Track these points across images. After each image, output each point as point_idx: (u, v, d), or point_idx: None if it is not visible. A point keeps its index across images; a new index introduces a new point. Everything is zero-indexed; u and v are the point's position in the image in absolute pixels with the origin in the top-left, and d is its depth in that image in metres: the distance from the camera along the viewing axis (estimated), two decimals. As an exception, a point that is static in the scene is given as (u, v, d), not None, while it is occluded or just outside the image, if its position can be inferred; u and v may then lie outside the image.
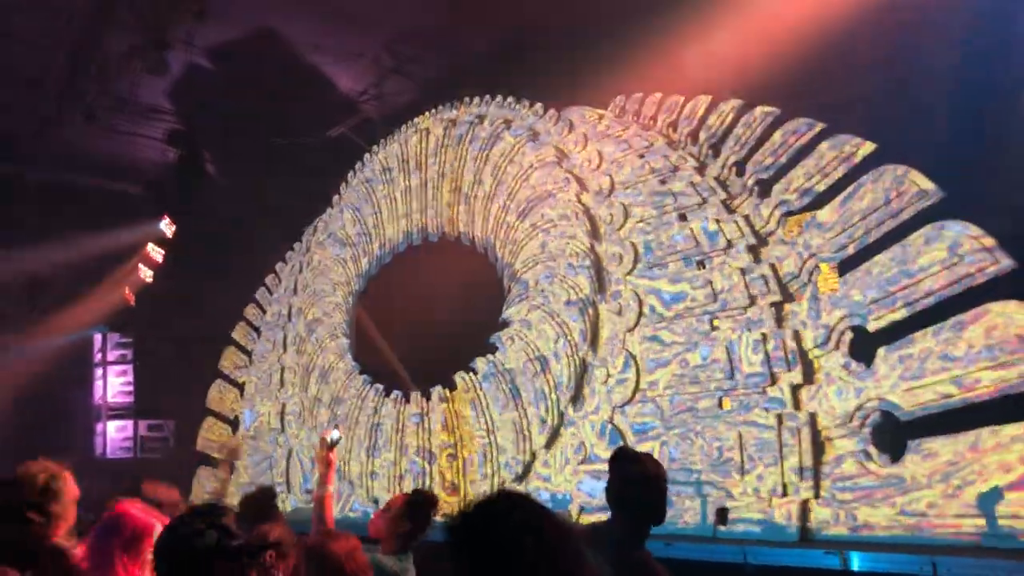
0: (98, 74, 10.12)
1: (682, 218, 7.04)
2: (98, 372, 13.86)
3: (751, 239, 6.50)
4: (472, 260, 9.24)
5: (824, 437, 5.82)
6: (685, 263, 6.92)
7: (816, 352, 5.99)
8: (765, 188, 6.59)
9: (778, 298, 6.23)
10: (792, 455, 5.87)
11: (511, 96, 9.26)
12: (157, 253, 12.47)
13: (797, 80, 6.30)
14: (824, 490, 5.74)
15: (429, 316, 9.46)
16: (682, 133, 7.37)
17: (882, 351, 5.60)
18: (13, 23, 9.41)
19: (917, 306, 5.46)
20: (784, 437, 5.95)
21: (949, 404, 5.22)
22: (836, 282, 6.03)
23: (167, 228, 12.24)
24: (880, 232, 5.74)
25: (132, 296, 12.94)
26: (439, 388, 8.87)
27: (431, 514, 4.23)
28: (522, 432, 7.89)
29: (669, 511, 6.25)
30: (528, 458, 7.81)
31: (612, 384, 7.22)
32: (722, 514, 6.21)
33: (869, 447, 5.55)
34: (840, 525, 5.58)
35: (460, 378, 8.68)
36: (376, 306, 10.65)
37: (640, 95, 7.83)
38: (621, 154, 7.74)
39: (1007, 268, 5.05)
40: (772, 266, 6.33)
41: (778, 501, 5.89)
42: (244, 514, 4.53)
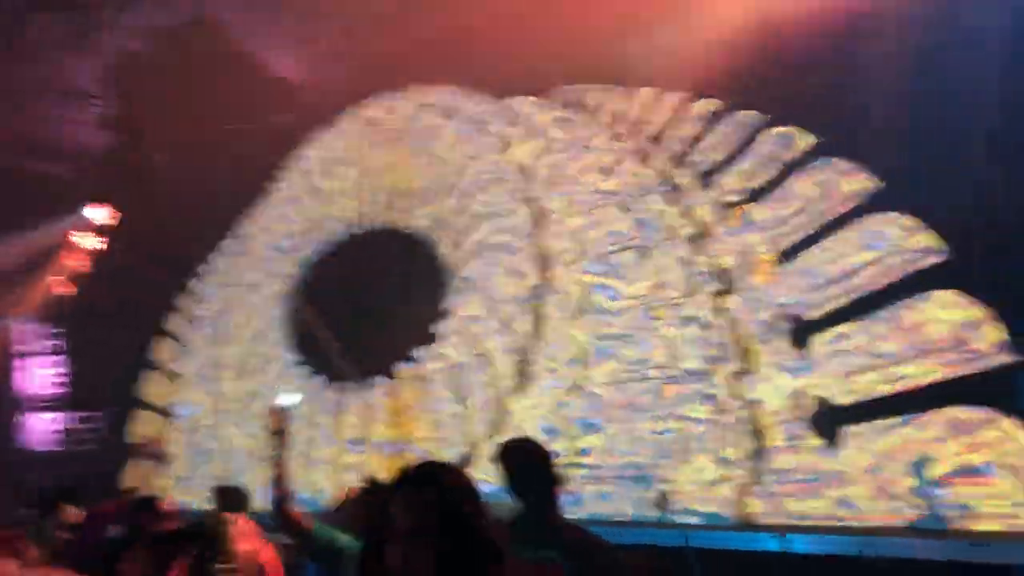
0: (29, 55, 9.78)
1: (625, 209, 7.10)
2: (24, 362, 13.40)
3: (692, 230, 6.59)
4: (414, 249, 9.17)
5: (762, 426, 5.93)
6: (628, 254, 6.97)
7: (755, 342, 6.10)
8: (707, 180, 6.68)
9: (718, 288, 6.33)
10: (731, 444, 5.98)
11: (455, 84, 9.22)
12: (91, 241, 12.11)
13: (741, 73, 6.39)
14: (762, 478, 5.85)
15: (370, 306, 9.36)
16: (627, 124, 7.42)
17: (818, 341, 5.73)
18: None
19: (854, 296, 5.60)
20: (723, 426, 6.05)
21: (881, 394, 5.37)
22: (775, 273, 6.14)
23: (102, 215, 11.89)
24: (819, 224, 5.87)
25: (64, 285, 12.55)
26: (380, 379, 8.79)
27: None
28: (463, 424, 7.87)
29: (612, 502, 6.33)
30: (469, 450, 7.79)
31: (555, 376, 7.24)
32: (662, 499, 6.29)
33: (806, 435, 5.67)
34: (778, 513, 5.69)
35: (401, 369, 8.61)
36: (316, 296, 10.50)
37: (585, 86, 7.87)
38: (565, 145, 7.77)
39: (942, 259, 5.21)
40: (714, 256, 6.43)
41: (718, 489, 5.98)
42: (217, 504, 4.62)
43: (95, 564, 2.37)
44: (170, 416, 11.40)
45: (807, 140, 6.07)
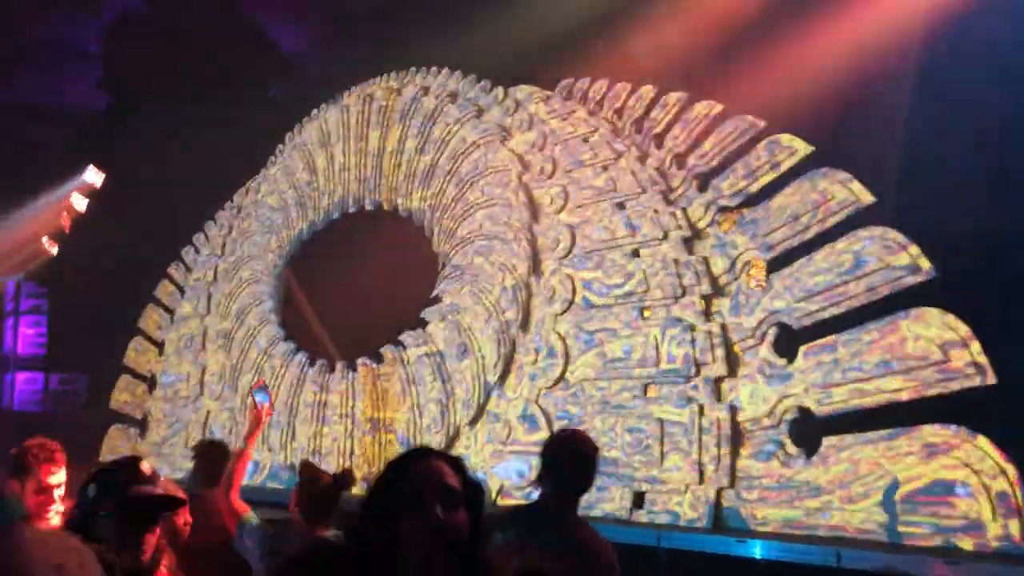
0: (28, 13, 9.71)
1: (620, 206, 7.09)
2: (9, 322, 13.36)
3: (686, 232, 6.59)
4: (407, 233, 9.16)
5: (742, 430, 5.96)
6: (620, 251, 6.97)
7: (740, 347, 6.12)
8: (704, 182, 6.67)
9: (708, 291, 6.34)
10: (710, 446, 5.99)
11: (459, 70, 9.19)
12: (80, 203, 12.03)
13: (743, 77, 6.38)
14: (738, 483, 5.87)
15: (360, 287, 9.34)
16: (627, 121, 7.41)
17: (804, 350, 5.75)
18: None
19: (841, 308, 5.61)
20: (703, 428, 6.07)
21: (861, 406, 5.40)
22: (765, 279, 6.15)
23: (94, 177, 11.81)
24: (811, 233, 5.88)
25: (51, 245, 12.47)
26: (365, 360, 8.79)
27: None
28: (446, 409, 7.88)
29: (587, 496, 6.35)
30: (451, 435, 7.80)
31: (538, 368, 7.25)
32: (638, 498, 6.32)
33: (785, 443, 5.70)
34: (751, 519, 5.72)
35: (388, 352, 8.61)
36: (306, 273, 10.48)
37: (588, 80, 7.84)
38: (565, 137, 7.75)
39: (930, 276, 5.23)
40: (704, 259, 6.43)
41: (693, 490, 6.01)
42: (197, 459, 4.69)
43: (71, 525, 2.34)
44: (152, 384, 11.38)
45: (805, 148, 6.07)
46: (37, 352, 13.11)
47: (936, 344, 5.10)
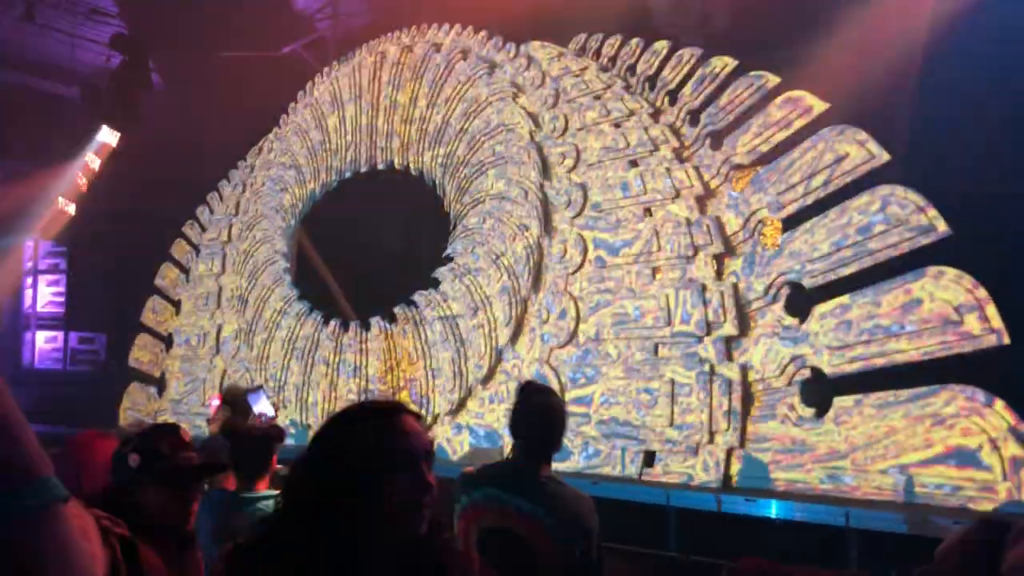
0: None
1: (633, 164, 7.01)
2: (28, 280, 13.47)
3: (699, 190, 6.51)
4: (419, 192, 9.10)
5: (754, 390, 5.93)
6: (631, 210, 6.90)
7: (752, 306, 6.06)
8: (717, 140, 6.57)
9: (720, 250, 6.27)
10: (721, 406, 5.98)
11: (470, 26, 9.05)
12: (96, 162, 12.02)
13: (758, 33, 6.25)
14: (749, 443, 5.86)
15: (373, 246, 9.33)
16: (640, 78, 7.29)
17: (817, 310, 5.69)
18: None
19: (855, 267, 5.54)
20: (715, 388, 6.05)
21: (873, 367, 5.35)
22: (778, 238, 6.08)
23: (109, 137, 11.78)
24: (825, 192, 5.79)
25: (68, 205, 12.51)
26: (378, 319, 8.81)
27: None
28: (458, 368, 7.89)
29: (597, 456, 6.37)
30: (463, 395, 7.83)
31: (550, 327, 7.23)
32: (649, 458, 6.32)
33: (796, 403, 5.67)
34: (761, 479, 5.72)
35: (400, 311, 8.62)
36: (319, 232, 10.46)
37: (601, 35, 7.71)
38: (577, 94, 7.64)
39: (944, 235, 5.14)
40: (717, 218, 6.36)
41: (704, 450, 6.00)
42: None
43: (109, 493, 2.24)
44: (169, 342, 11.47)
45: (820, 105, 5.95)
46: (56, 311, 13.22)
47: (952, 306, 5.03)
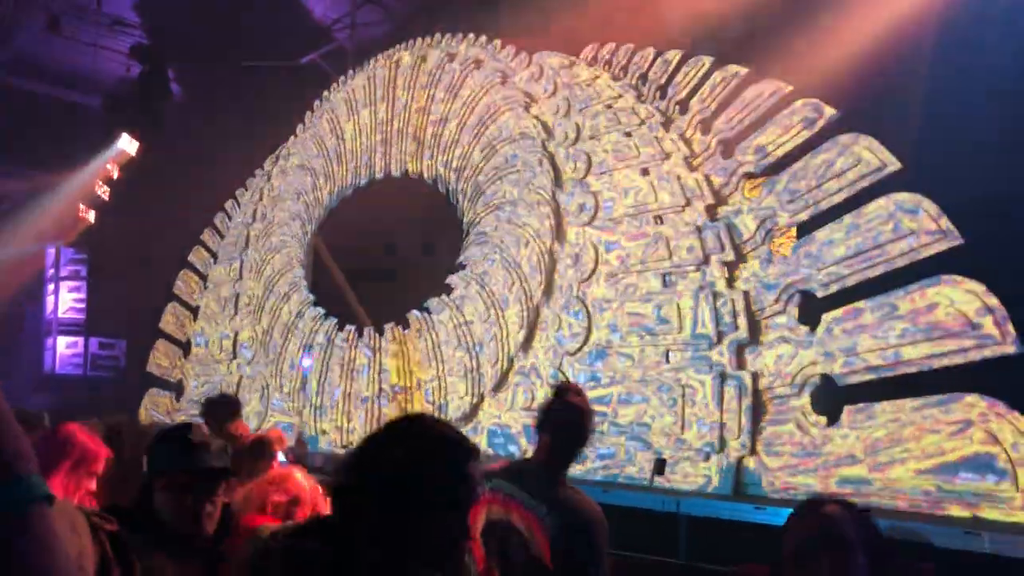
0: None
1: (644, 172, 7.04)
2: (50, 287, 13.65)
3: (710, 198, 6.52)
4: (433, 199, 9.17)
5: (764, 398, 5.93)
6: (643, 218, 6.93)
7: (765, 312, 6.07)
8: (728, 148, 6.59)
9: (731, 258, 6.28)
10: (732, 413, 5.98)
11: (484, 36, 9.12)
12: (116, 170, 12.17)
13: (770, 42, 6.26)
14: (760, 450, 5.86)
15: (386, 253, 9.41)
16: (651, 86, 7.32)
17: (828, 317, 5.69)
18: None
19: (866, 276, 5.53)
20: (725, 395, 6.06)
21: (885, 374, 5.34)
22: (789, 246, 6.09)
23: (129, 145, 11.94)
24: (837, 200, 5.78)
25: (88, 212, 12.66)
26: (392, 326, 8.87)
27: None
28: (472, 374, 7.94)
29: (609, 460, 6.38)
30: (476, 400, 7.87)
31: (563, 333, 7.26)
32: (659, 465, 6.33)
33: (806, 410, 5.66)
34: (772, 487, 5.71)
35: (414, 317, 8.68)
36: (335, 239, 10.56)
37: (613, 44, 7.75)
38: (589, 103, 7.68)
39: (957, 244, 5.12)
40: (728, 226, 6.37)
41: (715, 457, 6.01)
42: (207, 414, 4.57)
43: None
44: (187, 348, 11.60)
45: (831, 113, 5.95)
46: (77, 317, 13.39)
47: (966, 313, 5.01)
